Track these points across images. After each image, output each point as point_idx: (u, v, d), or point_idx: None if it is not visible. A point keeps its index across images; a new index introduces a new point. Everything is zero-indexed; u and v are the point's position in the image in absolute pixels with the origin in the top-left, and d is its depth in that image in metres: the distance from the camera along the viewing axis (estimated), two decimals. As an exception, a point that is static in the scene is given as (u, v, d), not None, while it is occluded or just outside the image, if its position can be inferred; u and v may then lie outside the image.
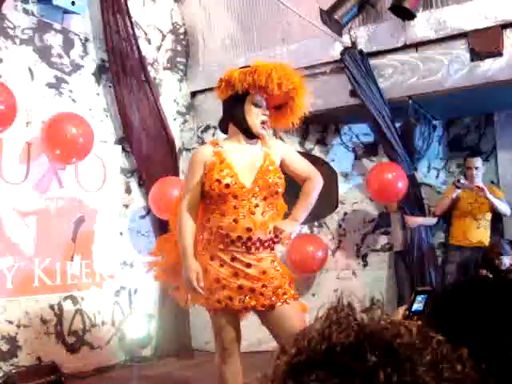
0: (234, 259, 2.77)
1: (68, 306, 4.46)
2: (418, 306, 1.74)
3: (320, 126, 5.38)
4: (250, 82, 2.80)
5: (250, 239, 2.75)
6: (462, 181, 4.75)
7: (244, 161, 2.85)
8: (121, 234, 4.92)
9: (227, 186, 2.75)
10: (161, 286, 4.67)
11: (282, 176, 2.90)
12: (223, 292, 2.75)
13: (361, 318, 0.74)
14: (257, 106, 2.85)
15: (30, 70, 4.36)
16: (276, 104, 2.97)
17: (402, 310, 1.76)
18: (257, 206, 2.78)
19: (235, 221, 2.74)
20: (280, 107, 3.00)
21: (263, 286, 2.77)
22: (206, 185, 2.80)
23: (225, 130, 3.01)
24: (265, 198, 2.81)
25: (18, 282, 4.14)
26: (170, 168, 5.18)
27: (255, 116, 2.85)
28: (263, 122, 2.86)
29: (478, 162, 4.89)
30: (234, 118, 2.90)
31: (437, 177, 5.37)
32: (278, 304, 2.78)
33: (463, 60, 4.26)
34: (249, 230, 2.75)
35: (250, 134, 2.88)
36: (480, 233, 4.87)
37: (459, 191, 4.79)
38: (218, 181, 2.75)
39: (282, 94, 2.88)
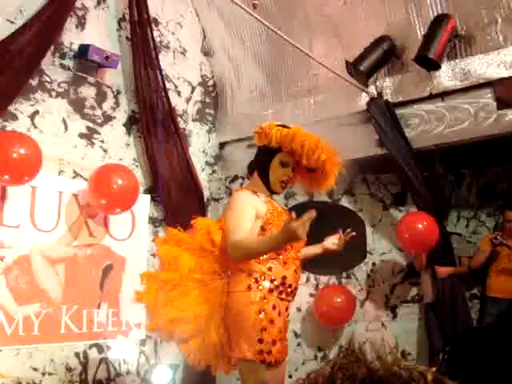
0: (286, 310, 2.80)
1: (93, 355, 4.45)
2: None
3: (347, 177, 5.38)
4: (284, 143, 2.88)
5: (297, 289, 2.88)
6: (499, 237, 4.66)
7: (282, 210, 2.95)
8: (148, 282, 4.93)
9: None
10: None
11: None
12: (281, 342, 2.73)
13: (369, 363, 0.71)
14: (283, 165, 2.92)
15: (64, 121, 4.51)
16: (309, 166, 3.00)
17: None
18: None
19: (296, 271, 2.82)
20: (313, 170, 3.03)
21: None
22: (271, 230, 2.79)
23: (251, 174, 3.07)
24: (296, 249, 2.90)
25: (45, 328, 4.15)
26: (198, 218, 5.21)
27: (278, 175, 2.93)
28: (283, 182, 2.93)
29: None
30: (259, 169, 2.98)
31: (466, 226, 5.27)
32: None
33: (490, 109, 4.25)
34: (299, 280, 2.90)
35: (268, 189, 2.97)
36: None
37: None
38: None
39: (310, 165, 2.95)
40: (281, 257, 2.79)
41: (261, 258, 2.75)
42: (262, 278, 2.75)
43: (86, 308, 4.43)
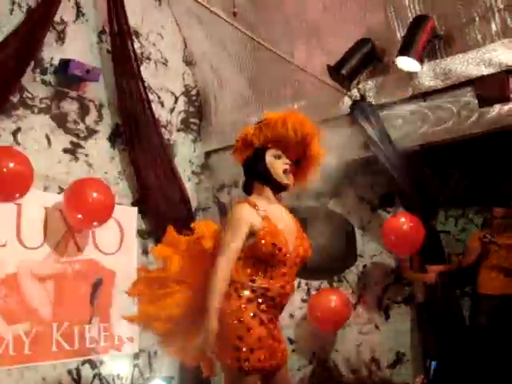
0: (270, 321, 2.75)
1: (86, 371, 4.41)
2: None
3: (334, 180, 5.38)
4: (267, 133, 2.83)
5: (282, 303, 2.83)
6: (488, 236, 4.69)
7: (285, 225, 2.83)
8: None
9: (284, 254, 2.74)
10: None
11: None
12: (263, 351, 2.68)
13: (342, 377, 0.71)
14: (277, 157, 2.86)
15: (47, 136, 4.49)
16: (293, 160, 2.96)
17: (419, 379, 1.70)
18: (294, 273, 2.85)
19: (283, 287, 2.75)
20: (297, 163, 2.99)
21: (282, 343, 2.84)
22: (261, 248, 2.71)
23: (250, 192, 2.94)
24: (295, 265, 2.84)
25: (36, 347, 4.11)
26: (186, 228, 5.18)
27: (278, 166, 2.83)
28: (285, 171, 2.87)
29: (504, 211, 4.82)
30: (258, 175, 2.88)
31: (455, 224, 5.30)
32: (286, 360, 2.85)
33: (472, 107, 4.28)
34: (289, 296, 2.82)
35: (277, 187, 2.87)
36: (509, 281, 4.75)
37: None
38: (279, 249, 2.72)
39: (298, 146, 2.88)
40: (268, 272, 2.76)
41: (248, 270, 2.74)
42: (243, 287, 2.73)
43: (77, 324, 4.40)
